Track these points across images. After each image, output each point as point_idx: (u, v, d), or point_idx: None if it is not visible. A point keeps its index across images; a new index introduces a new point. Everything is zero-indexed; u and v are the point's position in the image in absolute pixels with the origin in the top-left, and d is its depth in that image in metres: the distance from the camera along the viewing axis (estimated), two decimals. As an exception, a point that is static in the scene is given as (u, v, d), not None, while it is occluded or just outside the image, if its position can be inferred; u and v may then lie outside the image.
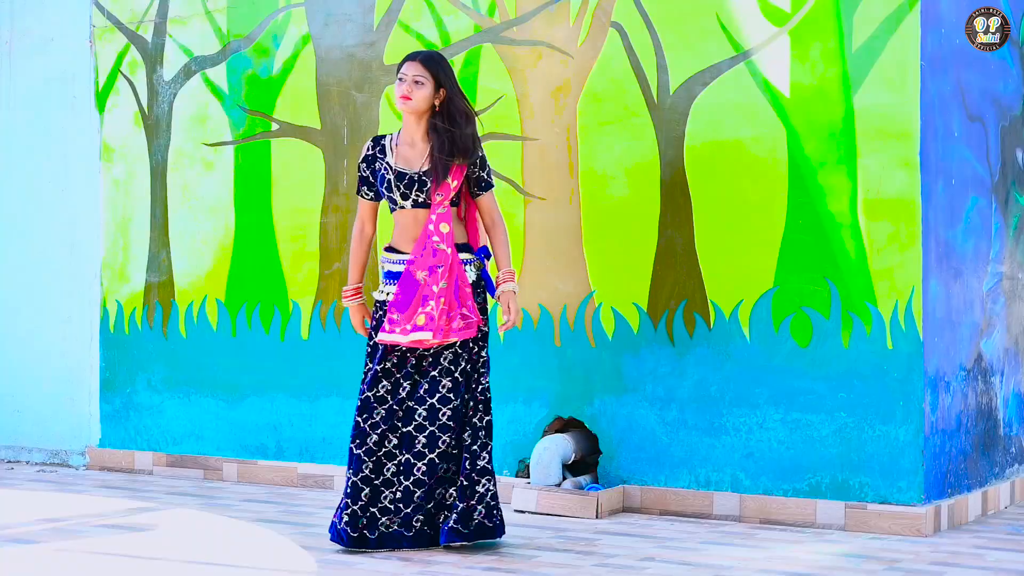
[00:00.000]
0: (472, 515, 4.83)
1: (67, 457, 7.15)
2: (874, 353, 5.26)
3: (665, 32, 5.67)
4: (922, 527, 5.16)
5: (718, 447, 5.55)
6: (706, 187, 5.59)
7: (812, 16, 5.38)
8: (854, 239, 5.30)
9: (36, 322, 7.27)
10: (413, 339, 4.78)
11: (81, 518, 5.57)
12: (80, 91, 7.15)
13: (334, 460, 6.37)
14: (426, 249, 4.83)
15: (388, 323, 4.82)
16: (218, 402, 6.69)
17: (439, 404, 4.84)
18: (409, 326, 4.78)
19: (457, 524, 4.81)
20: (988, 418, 5.83)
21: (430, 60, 4.90)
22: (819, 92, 5.37)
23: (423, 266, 4.82)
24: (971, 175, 5.67)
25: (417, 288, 4.81)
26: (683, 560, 4.74)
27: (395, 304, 4.83)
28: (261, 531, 5.31)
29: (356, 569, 4.59)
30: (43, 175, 7.27)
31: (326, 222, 6.44)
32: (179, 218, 6.83)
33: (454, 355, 4.87)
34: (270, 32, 6.59)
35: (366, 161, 4.99)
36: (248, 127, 6.65)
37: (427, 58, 4.90)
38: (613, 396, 5.75)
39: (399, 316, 4.80)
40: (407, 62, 4.90)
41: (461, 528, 4.81)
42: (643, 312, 5.71)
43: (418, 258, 4.83)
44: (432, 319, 4.77)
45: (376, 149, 4.97)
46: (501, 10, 6.03)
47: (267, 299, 6.58)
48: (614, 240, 5.78)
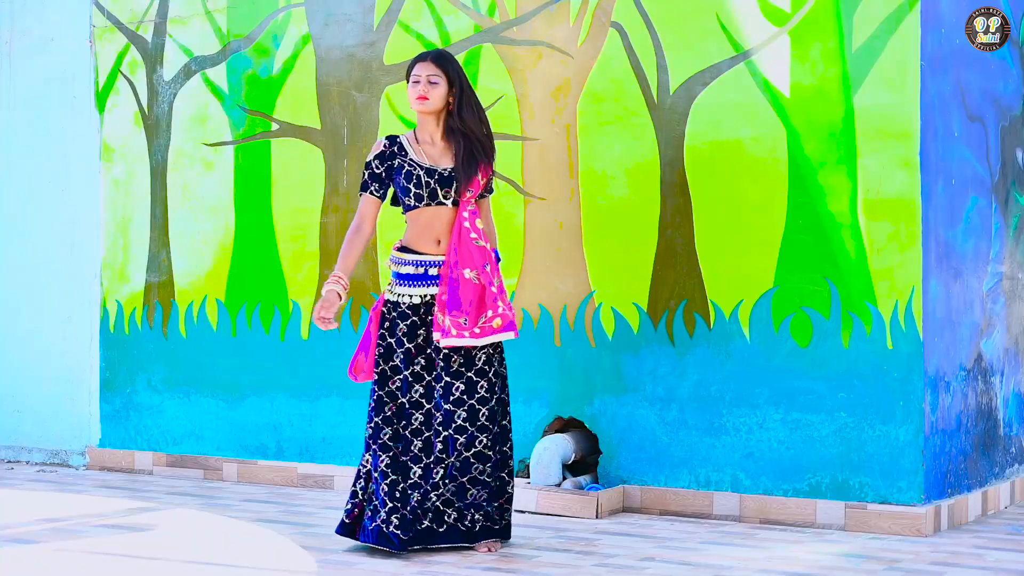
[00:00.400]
0: (504, 515, 4.91)
1: (67, 457, 7.15)
2: (874, 353, 5.26)
3: (665, 32, 5.67)
4: (922, 527, 5.16)
5: (718, 447, 5.55)
6: (706, 187, 5.59)
7: (812, 16, 5.38)
8: (854, 239, 5.30)
9: (36, 322, 7.27)
10: (491, 340, 4.78)
11: (81, 518, 5.57)
12: (80, 91, 7.15)
13: (334, 460, 6.37)
14: (463, 247, 4.81)
15: (452, 327, 4.73)
16: (218, 402, 6.69)
17: (478, 405, 4.84)
18: (478, 329, 4.76)
19: (489, 523, 4.87)
20: (988, 418, 5.83)
21: (441, 59, 4.90)
22: (819, 92, 5.37)
23: (468, 264, 4.80)
24: (971, 175, 5.67)
25: (472, 288, 4.78)
26: (683, 560, 4.74)
27: (450, 306, 4.76)
28: (261, 531, 5.31)
29: (356, 569, 4.59)
30: (43, 175, 7.27)
31: (326, 222, 6.44)
32: (179, 218, 6.83)
33: (487, 356, 4.88)
34: (270, 32, 6.59)
35: (380, 158, 4.91)
36: (248, 127, 6.65)
37: (438, 57, 4.91)
38: (613, 396, 5.75)
39: (466, 319, 4.76)
40: (419, 63, 4.89)
41: (493, 526, 4.88)
42: (643, 312, 5.71)
43: (459, 257, 4.80)
44: (506, 318, 4.79)
45: (394, 147, 4.92)
46: (501, 10, 6.03)
47: (267, 299, 6.58)
48: (614, 240, 5.78)
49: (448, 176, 4.86)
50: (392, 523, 4.76)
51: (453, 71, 4.88)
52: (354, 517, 4.91)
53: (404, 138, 4.95)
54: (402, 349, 4.87)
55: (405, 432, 4.86)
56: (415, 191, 4.86)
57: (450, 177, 4.86)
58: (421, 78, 4.86)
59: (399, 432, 4.87)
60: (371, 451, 4.88)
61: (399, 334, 4.88)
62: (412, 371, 4.86)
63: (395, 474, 4.82)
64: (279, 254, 6.57)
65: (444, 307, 4.78)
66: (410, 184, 4.86)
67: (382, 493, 4.79)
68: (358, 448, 6.30)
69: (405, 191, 4.88)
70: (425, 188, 4.85)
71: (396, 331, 4.89)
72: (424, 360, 4.87)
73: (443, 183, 4.85)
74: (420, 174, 4.85)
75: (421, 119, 4.95)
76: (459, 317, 4.76)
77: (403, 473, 4.83)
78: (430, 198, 4.86)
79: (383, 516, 4.77)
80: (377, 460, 4.84)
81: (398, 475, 4.82)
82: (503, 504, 4.92)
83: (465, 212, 4.85)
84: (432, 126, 4.93)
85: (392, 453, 4.84)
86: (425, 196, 4.86)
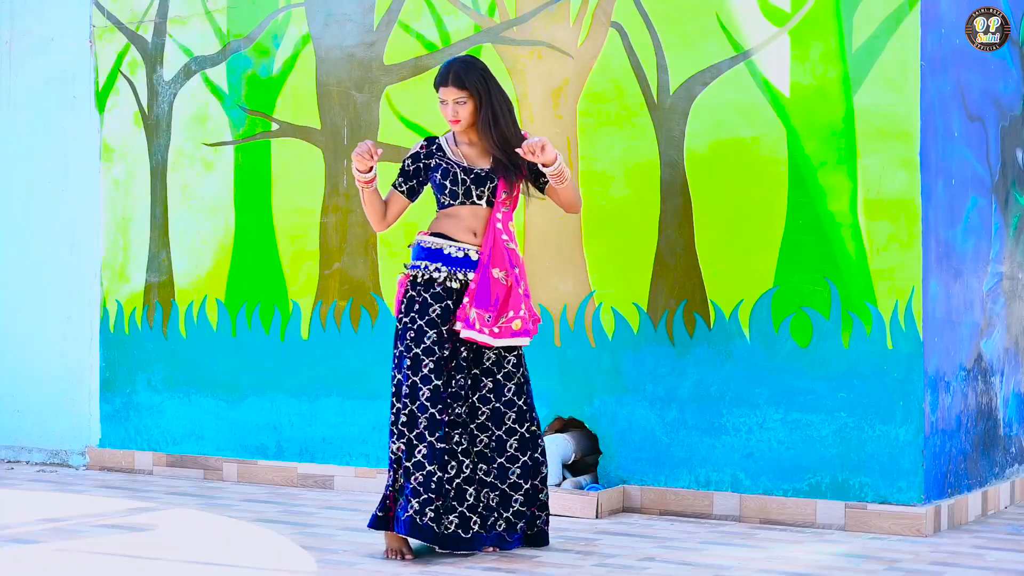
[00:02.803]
0: (536, 522, 4.91)
1: (67, 457, 7.15)
2: (874, 353, 5.26)
3: (665, 32, 5.67)
4: (922, 527, 5.16)
5: (718, 447, 5.55)
6: (706, 187, 5.59)
7: (812, 16, 5.38)
8: (854, 239, 5.30)
9: (36, 322, 7.27)
10: (506, 344, 4.79)
11: (81, 518, 5.57)
12: (80, 91, 7.15)
13: (334, 460, 6.37)
14: (495, 246, 4.83)
15: (477, 321, 4.74)
16: (218, 402, 6.69)
17: (504, 408, 4.86)
18: (497, 328, 4.77)
19: (526, 530, 4.89)
20: (988, 418, 5.83)
21: (460, 79, 4.83)
22: (819, 92, 5.37)
23: (499, 264, 4.83)
24: (971, 175, 5.67)
25: (500, 287, 4.81)
26: (683, 560, 4.74)
27: (478, 300, 4.77)
28: (261, 531, 5.31)
29: (356, 569, 4.59)
30: (43, 175, 7.27)
31: (326, 222, 6.44)
32: (179, 218, 6.83)
33: (516, 357, 4.90)
34: (270, 32, 6.59)
35: (413, 158, 4.93)
36: (248, 127, 6.65)
37: (457, 77, 4.83)
38: (613, 396, 5.76)
39: (490, 316, 4.76)
40: (442, 87, 4.85)
41: (528, 531, 4.90)
42: (643, 312, 5.71)
43: (491, 253, 4.82)
44: (527, 323, 4.82)
45: (432, 147, 4.93)
46: (501, 10, 6.03)
47: (267, 299, 6.58)
48: (614, 240, 5.78)
49: (484, 176, 4.87)
50: (427, 515, 4.70)
51: (474, 85, 4.83)
52: (386, 509, 4.81)
53: (443, 139, 4.97)
54: (435, 331, 4.79)
55: (444, 419, 4.77)
56: (451, 188, 4.86)
57: (486, 177, 4.87)
58: (448, 101, 4.85)
59: (436, 419, 4.76)
60: (405, 440, 4.77)
61: (432, 314, 4.81)
62: (445, 356, 4.80)
63: (432, 464, 4.73)
64: (279, 254, 6.57)
65: (473, 299, 4.78)
66: (446, 181, 4.87)
67: (415, 483, 4.70)
68: (358, 448, 6.30)
69: (441, 188, 4.89)
70: (461, 186, 4.86)
71: (428, 311, 4.81)
72: (457, 345, 4.83)
73: (478, 183, 4.86)
74: (457, 171, 4.87)
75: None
76: (485, 313, 4.77)
77: (440, 464, 4.74)
78: (465, 196, 4.87)
79: (415, 507, 4.69)
80: (429, 450, 4.73)
81: (435, 465, 4.73)
82: (534, 512, 4.90)
83: (499, 213, 4.87)
84: (469, 129, 4.93)
85: (429, 442, 4.73)
86: (460, 194, 4.86)
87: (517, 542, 4.87)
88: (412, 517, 4.69)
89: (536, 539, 4.92)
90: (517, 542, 4.87)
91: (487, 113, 4.85)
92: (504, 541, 4.85)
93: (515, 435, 4.86)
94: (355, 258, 6.34)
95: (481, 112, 4.86)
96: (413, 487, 4.71)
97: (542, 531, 4.93)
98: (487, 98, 4.86)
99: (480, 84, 4.86)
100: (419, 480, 4.71)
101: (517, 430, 4.87)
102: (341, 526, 5.38)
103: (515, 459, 4.86)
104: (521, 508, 4.86)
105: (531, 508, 4.90)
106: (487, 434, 4.85)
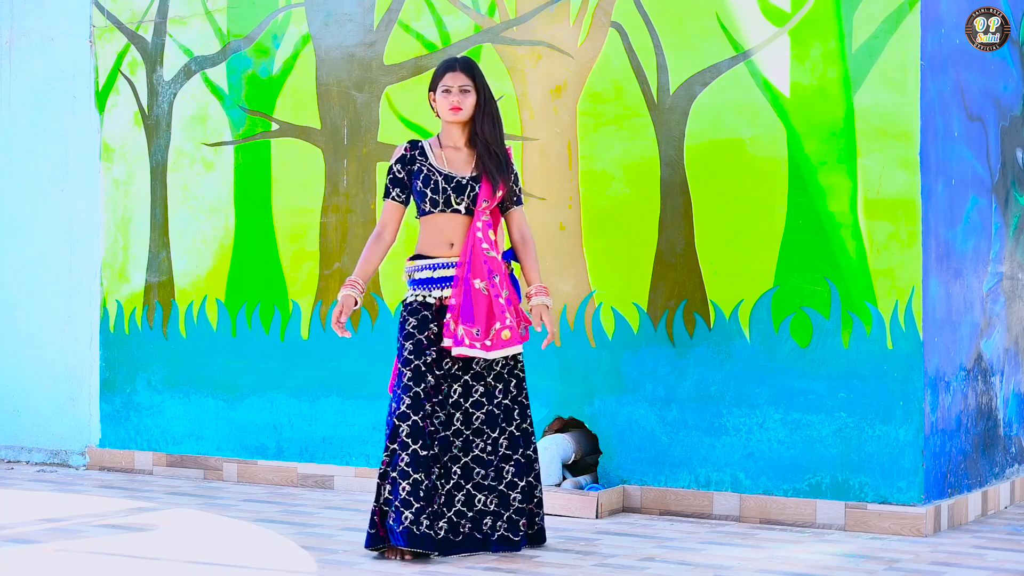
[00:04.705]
0: (535, 519, 4.91)
1: (67, 457, 7.15)
2: (874, 353, 5.26)
3: (665, 32, 5.67)
4: (922, 527, 5.16)
5: (718, 447, 5.55)
6: (706, 187, 5.59)
7: (812, 16, 5.38)
8: (854, 239, 5.30)
9: (36, 322, 7.27)
10: (501, 354, 4.76)
11: (81, 518, 5.57)
12: (80, 91, 7.15)
13: (334, 460, 6.37)
14: (475, 255, 4.79)
15: (466, 337, 4.71)
16: (218, 402, 6.69)
17: (496, 410, 4.85)
18: (489, 341, 4.74)
19: (527, 529, 4.89)
20: (988, 418, 5.83)
21: (469, 67, 4.87)
22: (819, 92, 5.37)
23: (479, 275, 4.78)
24: (971, 175, 5.67)
25: (482, 299, 4.77)
26: (683, 560, 4.74)
27: (462, 314, 4.74)
28: (261, 531, 5.31)
29: (356, 569, 4.59)
30: (43, 175, 7.27)
31: (326, 222, 6.44)
32: (179, 218, 6.83)
33: (507, 361, 4.88)
34: (270, 32, 6.59)
35: (401, 162, 4.89)
36: (248, 127, 6.65)
37: (466, 65, 4.88)
38: (613, 396, 5.76)
39: (478, 331, 4.73)
40: (448, 72, 4.85)
41: (528, 531, 4.90)
42: (643, 312, 5.71)
43: (471, 265, 4.78)
44: (515, 331, 4.79)
45: (415, 151, 4.90)
46: (501, 10, 6.03)
47: (267, 299, 6.58)
48: (614, 240, 5.78)
49: (464, 184, 4.85)
50: (422, 523, 4.68)
51: (480, 80, 4.88)
52: (375, 525, 4.78)
53: (426, 143, 4.94)
54: (411, 342, 4.79)
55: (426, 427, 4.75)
56: (431, 196, 4.84)
57: (466, 185, 4.85)
58: (453, 88, 4.84)
59: (418, 426, 4.73)
60: (388, 451, 4.75)
61: (408, 327, 4.81)
62: (427, 363, 4.79)
63: (417, 472, 4.69)
64: (279, 254, 6.57)
65: (457, 316, 4.76)
66: (427, 189, 4.84)
67: (404, 493, 4.68)
68: (358, 448, 6.30)
69: (421, 196, 4.86)
70: (440, 194, 4.83)
71: (406, 326, 4.82)
72: (449, 360, 4.83)
73: (458, 190, 4.84)
74: (438, 179, 4.84)
75: (447, 126, 4.92)
76: (472, 328, 4.74)
77: (425, 470, 4.72)
78: (444, 204, 4.84)
79: (410, 517, 4.67)
80: (412, 459, 4.70)
81: (420, 472, 4.70)
82: (532, 509, 4.90)
83: (479, 222, 4.84)
84: (458, 134, 4.91)
85: (412, 450, 4.69)
86: (440, 202, 4.84)
87: (523, 542, 4.87)
88: (409, 528, 4.67)
89: (536, 537, 4.93)
90: (523, 542, 4.87)
91: (486, 112, 4.86)
92: (511, 543, 4.84)
93: (505, 434, 4.86)
94: (355, 258, 6.33)
95: (480, 110, 4.86)
96: (403, 497, 4.68)
97: (541, 528, 4.94)
98: (487, 97, 4.89)
99: (483, 82, 4.90)
100: (407, 490, 4.68)
101: (507, 429, 4.86)
102: (341, 526, 5.38)
103: (507, 458, 4.86)
104: (521, 505, 4.86)
105: (529, 505, 4.90)
106: (482, 438, 4.84)
